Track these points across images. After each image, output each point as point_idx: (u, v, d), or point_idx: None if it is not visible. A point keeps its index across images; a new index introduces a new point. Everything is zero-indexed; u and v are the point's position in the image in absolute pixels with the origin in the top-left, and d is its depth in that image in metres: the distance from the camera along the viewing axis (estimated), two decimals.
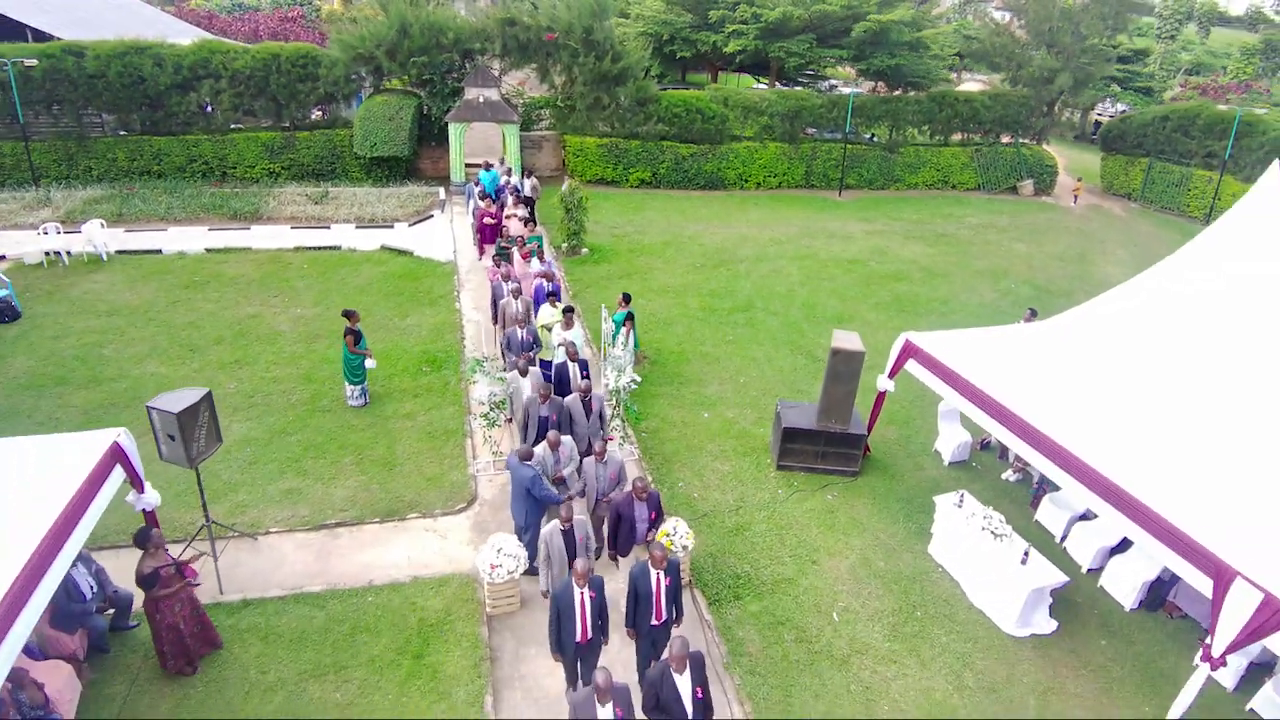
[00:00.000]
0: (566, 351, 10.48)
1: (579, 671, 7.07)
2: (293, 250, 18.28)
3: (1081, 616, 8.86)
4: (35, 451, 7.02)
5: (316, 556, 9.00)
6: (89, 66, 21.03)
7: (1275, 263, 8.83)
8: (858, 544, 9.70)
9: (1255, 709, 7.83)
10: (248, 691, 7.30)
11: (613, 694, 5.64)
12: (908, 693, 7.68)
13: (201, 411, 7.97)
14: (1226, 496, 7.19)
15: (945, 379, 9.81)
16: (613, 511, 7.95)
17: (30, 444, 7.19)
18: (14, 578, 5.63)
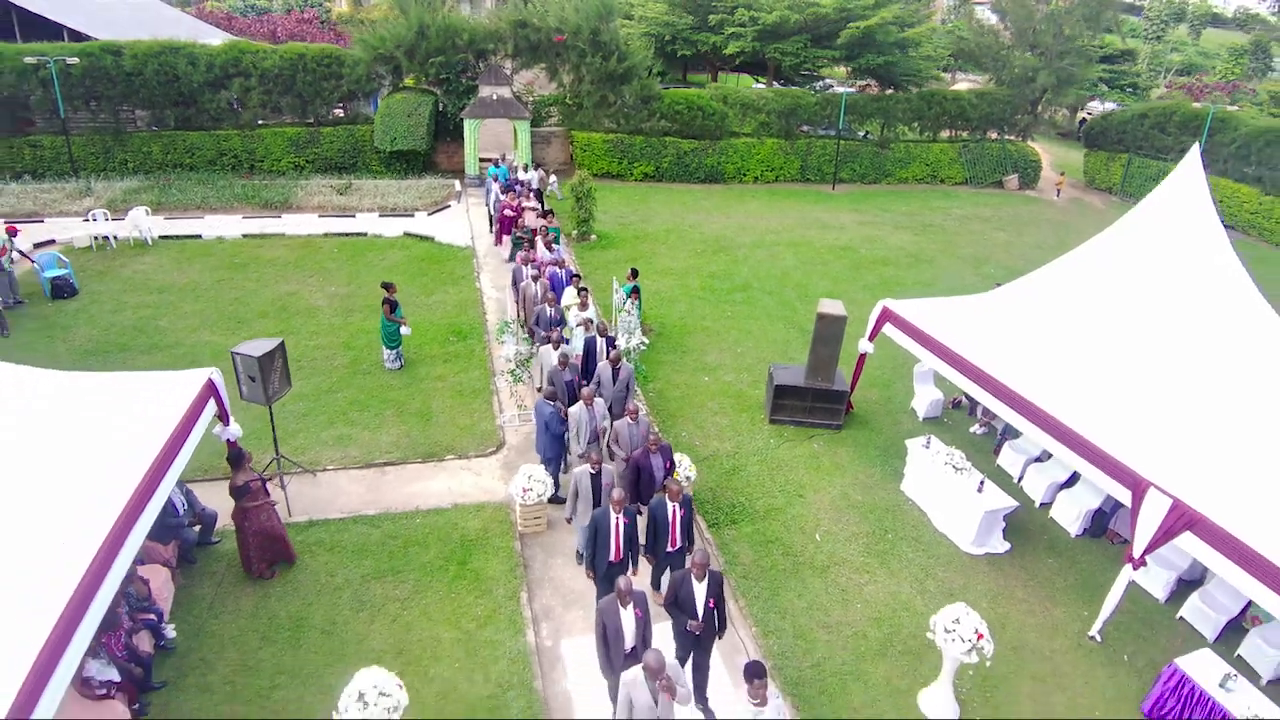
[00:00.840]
0: (595, 327, 11.71)
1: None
2: (322, 236, 19.69)
3: (1032, 541, 10.22)
4: (140, 385, 8.36)
5: (368, 489, 10.37)
6: (127, 65, 22.44)
7: (1186, 234, 10.22)
8: (839, 482, 11.07)
9: (1184, 616, 9.16)
10: (319, 591, 8.66)
11: (632, 597, 6.82)
12: (877, 595, 9.05)
13: (276, 357, 9.35)
14: (1148, 427, 8.55)
15: (917, 339, 11.19)
16: (632, 465, 9.05)
17: (135, 378, 8.53)
18: (130, 494, 6.62)
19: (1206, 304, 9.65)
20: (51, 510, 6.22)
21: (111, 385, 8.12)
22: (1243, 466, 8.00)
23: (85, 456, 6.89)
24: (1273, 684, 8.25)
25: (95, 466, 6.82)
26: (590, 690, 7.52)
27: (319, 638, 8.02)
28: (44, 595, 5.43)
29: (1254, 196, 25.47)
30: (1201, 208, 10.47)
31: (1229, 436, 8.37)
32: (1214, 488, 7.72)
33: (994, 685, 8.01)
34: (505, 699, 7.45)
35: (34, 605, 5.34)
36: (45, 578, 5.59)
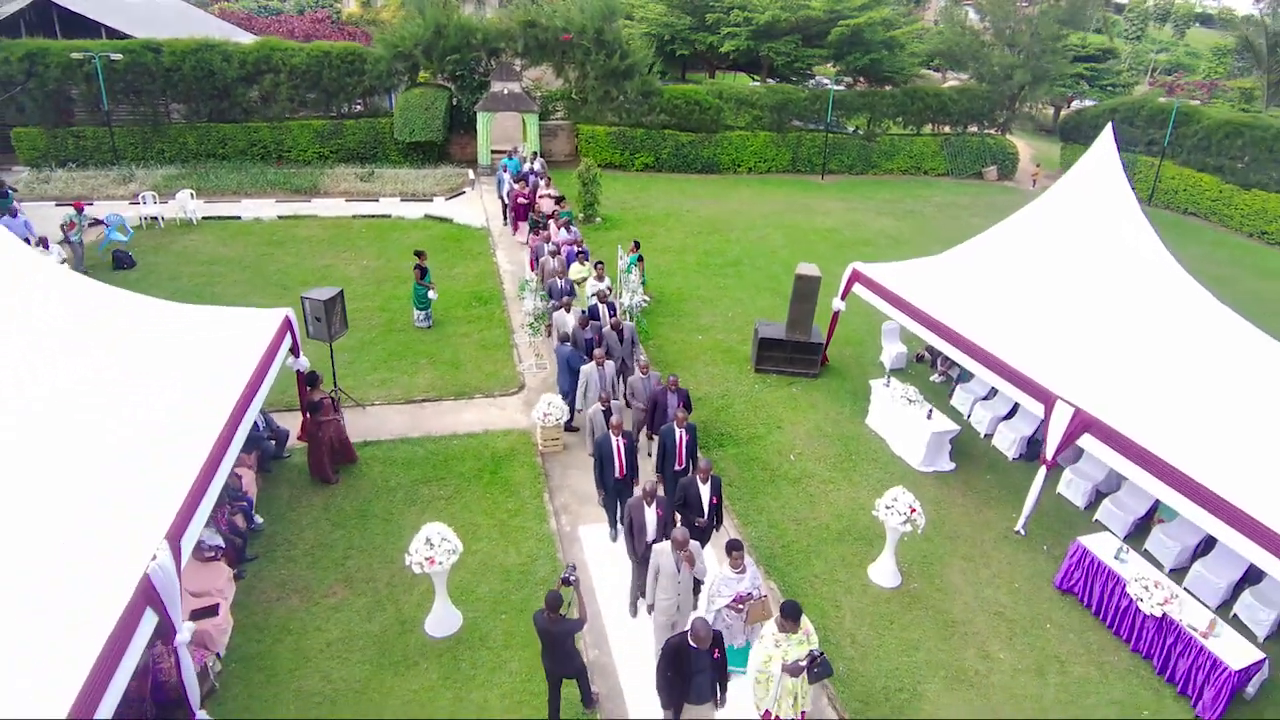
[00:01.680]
0: (599, 295, 13.46)
1: (617, 503, 9.49)
2: (351, 218, 21.50)
3: (975, 462, 12.03)
4: (235, 317, 10.15)
5: (411, 419, 12.17)
6: (166, 61, 24.24)
7: (1101, 201, 12.04)
8: (813, 417, 12.87)
9: (1100, 519, 10.94)
10: (376, 492, 10.46)
11: (655, 499, 8.28)
12: (839, 499, 10.85)
13: (337, 303, 11.17)
14: (1061, 357, 10.35)
15: (881, 295, 13.01)
16: (650, 398, 10.64)
17: (232, 312, 10.32)
18: (235, 403, 8.25)
19: (1115, 258, 11.45)
20: (178, 414, 7.95)
21: (214, 316, 9.94)
22: (1139, 388, 9.78)
23: (200, 371, 8.67)
24: (1174, 572, 9.99)
25: (208, 380, 8.58)
26: (601, 561, 9.32)
27: (380, 524, 9.83)
28: (177, 475, 7.09)
29: (1215, 184, 27.27)
30: (1114, 178, 12.26)
31: (1128, 363, 10.16)
32: (1112, 402, 9.52)
33: (930, 563, 9.81)
34: (533, 567, 9.24)
35: (171, 482, 7.00)
36: (177, 464, 7.25)
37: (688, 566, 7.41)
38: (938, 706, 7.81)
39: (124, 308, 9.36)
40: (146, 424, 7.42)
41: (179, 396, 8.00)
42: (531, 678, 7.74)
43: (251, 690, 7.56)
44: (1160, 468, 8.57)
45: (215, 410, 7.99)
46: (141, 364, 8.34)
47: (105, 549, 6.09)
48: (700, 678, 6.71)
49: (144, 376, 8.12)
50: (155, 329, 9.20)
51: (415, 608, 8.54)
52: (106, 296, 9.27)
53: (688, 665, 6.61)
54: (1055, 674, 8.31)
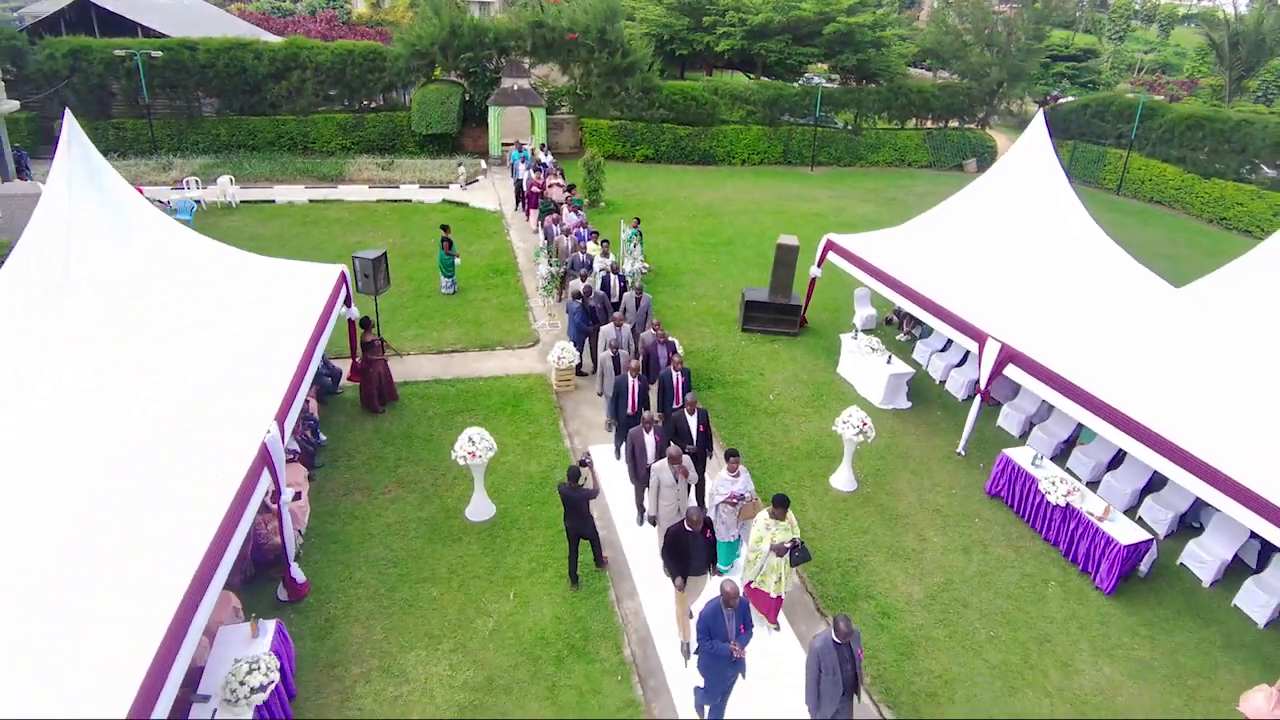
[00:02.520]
0: (611, 268, 15.33)
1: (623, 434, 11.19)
2: (375, 202, 23.42)
3: (929, 402, 13.93)
4: (303, 270, 12.04)
5: (442, 366, 14.09)
6: (201, 59, 26.18)
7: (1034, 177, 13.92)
8: (790, 367, 14.79)
9: (1031, 444, 12.81)
10: (417, 419, 12.36)
11: (653, 426, 10.25)
12: (809, 428, 12.75)
13: (382, 262, 13.07)
14: (993, 303, 12.25)
15: (851, 261, 14.92)
16: (644, 352, 12.65)
17: (300, 265, 12.20)
18: (310, 334, 10.36)
19: (1044, 225, 13.36)
20: (274, 335, 9.87)
21: (292, 267, 11.90)
22: (1059, 329, 11.64)
23: (286, 305, 10.60)
24: (1090, 484, 11.85)
25: (293, 311, 10.51)
26: (607, 472, 11.21)
27: (422, 442, 11.75)
28: (279, 377, 8.98)
29: (1177, 174, 29.18)
30: (1046, 158, 14.12)
31: (1050, 310, 12.04)
32: (1033, 340, 11.40)
33: (883, 475, 11.72)
34: (551, 474, 11.14)
35: (274, 382, 8.89)
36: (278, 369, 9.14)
37: (683, 476, 9.10)
38: (878, 574, 9.71)
39: (229, 256, 11.35)
40: (256, 339, 9.37)
41: (273, 322, 9.95)
42: (553, 549, 9.65)
43: (329, 557, 9.47)
44: (1066, 387, 10.48)
45: (299, 334, 9.93)
46: (247, 297, 10.32)
47: (234, 428, 7.99)
48: (696, 554, 8.30)
49: (249, 306, 10.10)
50: (255, 273, 11.18)
51: (457, 501, 10.45)
52: (216, 248, 11.25)
53: (685, 545, 8.23)
54: (978, 553, 10.22)
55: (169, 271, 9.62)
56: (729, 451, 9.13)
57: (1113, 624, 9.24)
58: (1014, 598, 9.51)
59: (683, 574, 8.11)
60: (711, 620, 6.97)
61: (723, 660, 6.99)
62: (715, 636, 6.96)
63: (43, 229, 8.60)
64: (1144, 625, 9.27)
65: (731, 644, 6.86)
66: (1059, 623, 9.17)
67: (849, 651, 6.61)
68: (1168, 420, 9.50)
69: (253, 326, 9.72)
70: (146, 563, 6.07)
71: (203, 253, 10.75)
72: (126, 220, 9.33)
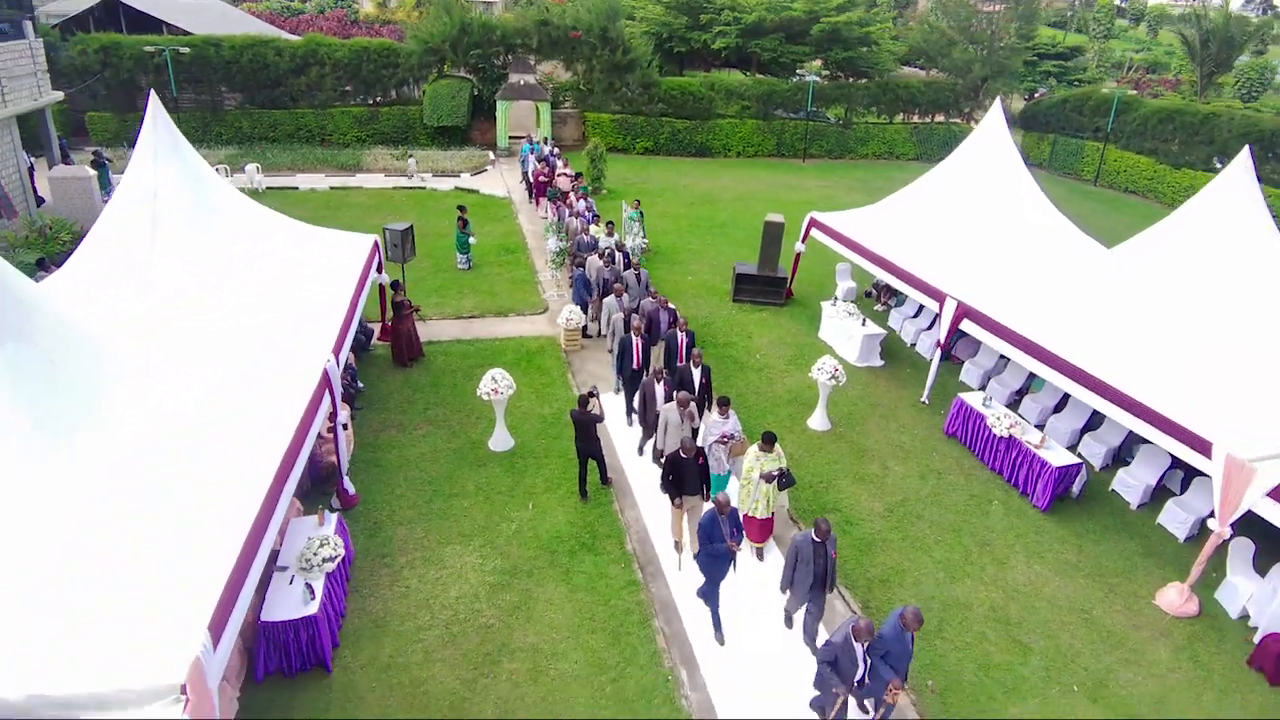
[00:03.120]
0: (616, 246, 16.85)
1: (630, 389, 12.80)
2: (391, 189, 24.97)
3: (901, 361, 15.47)
4: (342, 238, 13.58)
5: (462, 329, 15.63)
6: (225, 55, 27.73)
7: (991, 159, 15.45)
8: (776, 331, 16.33)
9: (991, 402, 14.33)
10: (441, 372, 13.90)
11: (662, 378, 11.72)
12: (790, 381, 14.29)
13: (409, 234, 14.62)
14: (952, 268, 13.79)
15: (832, 236, 16.47)
16: (646, 317, 14.17)
17: (341, 234, 13.73)
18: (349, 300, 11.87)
19: (999, 200, 14.90)
20: (326, 288, 11.40)
21: (337, 235, 13.45)
22: (1010, 290, 13.15)
23: (333, 264, 12.14)
24: (1037, 426, 13.36)
25: (339, 269, 12.06)
26: (612, 420, 12.74)
27: (448, 390, 13.29)
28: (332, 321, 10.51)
29: (1150, 165, 30.72)
30: (1002, 141, 15.65)
31: (1003, 274, 13.57)
32: (986, 299, 12.93)
33: (854, 419, 13.26)
34: (561, 415, 12.67)
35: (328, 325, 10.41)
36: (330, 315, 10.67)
37: (689, 420, 10.52)
38: (845, 493, 11.25)
39: (284, 222, 12.96)
40: (312, 290, 10.96)
41: (324, 277, 11.52)
42: (565, 473, 11.19)
43: (372, 478, 11.00)
44: (1011, 336, 12.03)
45: (346, 287, 11.50)
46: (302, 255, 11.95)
47: (299, 358, 9.51)
48: (690, 477, 9.63)
49: (305, 262, 11.72)
50: (306, 237, 12.79)
51: (481, 435, 11.99)
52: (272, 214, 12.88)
53: (681, 469, 9.63)
54: (932, 479, 11.76)
55: (239, 228, 11.19)
56: (721, 399, 10.54)
57: (1046, 534, 10.78)
58: (961, 513, 11.05)
59: (679, 493, 9.54)
60: (710, 527, 8.38)
61: (719, 559, 8.46)
62: (713, 540, 8.39)
63: (132, 190, 10.16)
64: (1074, 536, 10.81)
65: (728, 543, 8.35)
66: (998, 532, 10.72)
67: (824, 550, 8.08)
68: (1101, 363, 11.01)
69: (309, 280, 11.28)
70: (240, 461, 7.53)
71: (262, 216, 12.32)
72: (202, 186, 10.88)
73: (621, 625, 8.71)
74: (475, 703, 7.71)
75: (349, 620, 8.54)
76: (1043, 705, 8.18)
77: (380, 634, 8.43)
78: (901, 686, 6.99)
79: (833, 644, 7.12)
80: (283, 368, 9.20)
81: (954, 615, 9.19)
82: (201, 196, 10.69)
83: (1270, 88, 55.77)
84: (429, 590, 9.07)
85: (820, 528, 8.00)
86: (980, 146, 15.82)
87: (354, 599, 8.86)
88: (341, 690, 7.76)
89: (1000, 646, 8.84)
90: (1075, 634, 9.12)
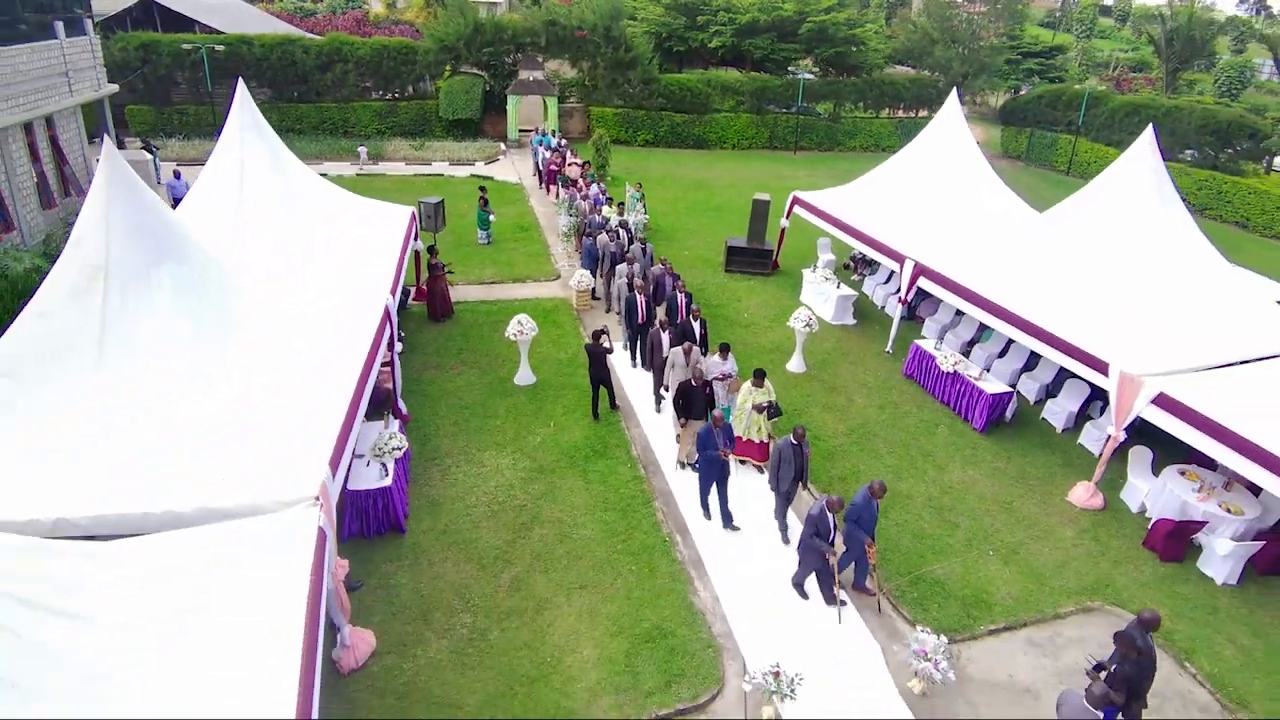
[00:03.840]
0: (620, 223, 18.96)
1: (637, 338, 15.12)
2: (412, 176, 27.11)
3: (871, 321, 17.62)
4: (385, 208, 15.70)
5: (484, 292, 17.79)
6: (257, 52, 29.86)
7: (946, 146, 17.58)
8: (762, 296, 18.48)
9: (942, 345, 16.46)
10: (469, 325, 16.04)
11: (666, 329, 13.82)
12: (773, 335, 16.43)
13: (441, 207, 16.78)
14: (914, 234, 15.92)
15: (813, 212, 18.63)
16: (654, 281, 16.28)
17: (384, 205, 15.85)
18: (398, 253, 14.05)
19: (954, 177, 17.04)
20: (378, 248, 13.54)
21: (377, 204, 15.59)
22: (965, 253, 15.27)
23: (383, 227, 14.29)
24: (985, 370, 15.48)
25: (389, 232, 14.21)
26: (621, 365, 14.87)
27: (476, 339, 15.44)
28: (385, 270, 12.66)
29: (1118, 155, 32.59)
30: (959, 128, 17.77)
31: (959, 239, 15.70)
32: (943, 261, 15.05)
33: (826, 364, 15.41)
34: (575, 359, 14.81)
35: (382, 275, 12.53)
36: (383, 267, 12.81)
37: (694, 363, 12.57)
38: (815, 417, 13.39)
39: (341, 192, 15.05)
40: (369, 244, 13.14)
41: (377, 237, 13.70)
42: (580, 401, 13.31)
43: (418, 404, 13.13)
44: (959, 289, 14.16)
45: (394, 244, 13.66)
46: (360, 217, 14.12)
47: (367, 299, 11.63)
48: (697, 402, 11.26)
49: (362, 223, 13.88)
50: (359, 204, 14.96)
51: (507, 374, 14.13)
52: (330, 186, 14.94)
53: (690, 395, 11.24)
54: (890, 409, 13.91)
55: (308, 193, 13.35)
56: (722, 345, 12.48)
57: (981, 449, 12.93)
58: (911, 432, 13.20)
59: (687, 415, 11.38)
60: (706, 436, 10.40)
61: (712, 464, 10.44)
62: (708, 447, 10.41)
63: (224, 157, 12.33)
64: (1004, 450, 12.95)
65: (721, 450, 10.37)
66: (940, 446, 12.87)
67: (801, 450, 10.19)
68: (1027, 306, 13.13)
69: (366, 238, 13.46)
70: (339, 356, 9.67)
71: (322, 185, 14.45)
72: (279, 158, 13.01)
73: (629, 505, 10.86)
74: (516, 554, 9.86)
75: (410, 502, 10.68)
76: (963, 564, 10.32)
77: (437, 511, 10.57)
78: (873, 544, 9.13)
79: (812, 517, 9.01)
80: (355, 306, 11.35)
81: (898, 503, 11.32)
82: (279, 164, 12.83)
83: (1251, 85, 58.05)
84: (472, 482, 11.21)
85: (796, 431, 10.09)
86: (939, 133, 17.97)
87: (412, 488, 11.00)
88: (411, 546, 9.91)
89: (933, 524, 10.99)
90: (996, 518, 11.26)
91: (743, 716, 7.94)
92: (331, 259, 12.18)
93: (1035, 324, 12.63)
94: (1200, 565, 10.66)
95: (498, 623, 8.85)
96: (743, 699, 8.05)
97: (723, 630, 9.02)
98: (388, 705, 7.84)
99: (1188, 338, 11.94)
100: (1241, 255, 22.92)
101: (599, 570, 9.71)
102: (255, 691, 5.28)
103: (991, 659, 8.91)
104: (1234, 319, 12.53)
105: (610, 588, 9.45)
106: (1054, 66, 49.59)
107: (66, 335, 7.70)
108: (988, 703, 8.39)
